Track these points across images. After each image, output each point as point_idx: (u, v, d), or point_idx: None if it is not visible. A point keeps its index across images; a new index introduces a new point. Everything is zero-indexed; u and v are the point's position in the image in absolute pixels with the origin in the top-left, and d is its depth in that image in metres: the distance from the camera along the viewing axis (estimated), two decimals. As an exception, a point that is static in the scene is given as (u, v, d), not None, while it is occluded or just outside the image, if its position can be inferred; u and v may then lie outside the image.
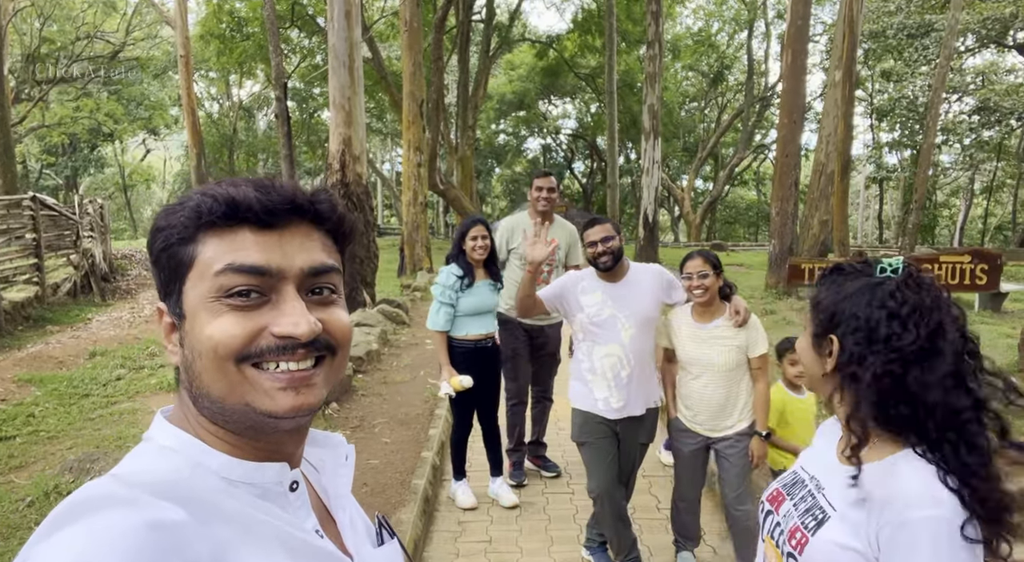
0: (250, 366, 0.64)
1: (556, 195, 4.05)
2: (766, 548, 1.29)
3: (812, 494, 1.21)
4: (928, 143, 18.48)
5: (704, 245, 27.79)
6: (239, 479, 0.67)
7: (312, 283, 0.68)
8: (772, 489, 1.34)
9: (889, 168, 28.55)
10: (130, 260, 14.91)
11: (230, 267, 0.63)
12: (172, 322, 0.68)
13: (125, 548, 0.51)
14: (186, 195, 0.68)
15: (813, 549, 1.13)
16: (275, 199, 0.66)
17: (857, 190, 32.38)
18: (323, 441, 0.83)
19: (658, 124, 17.75)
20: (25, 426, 5.14)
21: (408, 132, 15.27)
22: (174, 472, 0.63)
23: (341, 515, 0.79)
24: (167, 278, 0.67)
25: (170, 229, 0.66)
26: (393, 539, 0.87)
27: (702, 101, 38.34)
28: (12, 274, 9.84)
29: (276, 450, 0.70)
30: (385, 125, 36.27)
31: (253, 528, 0.63)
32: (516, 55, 34.87)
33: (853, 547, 1.08)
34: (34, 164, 30.55)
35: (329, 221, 0.71)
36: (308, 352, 0.66)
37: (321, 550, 0.69)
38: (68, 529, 0.53)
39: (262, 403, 0.64)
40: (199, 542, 0.56)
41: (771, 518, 1.29)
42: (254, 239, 0.65)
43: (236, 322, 0.63)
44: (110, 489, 0.58)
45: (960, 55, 23.45)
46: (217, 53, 25.53)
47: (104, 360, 7.24)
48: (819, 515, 1.15)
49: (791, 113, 12.41)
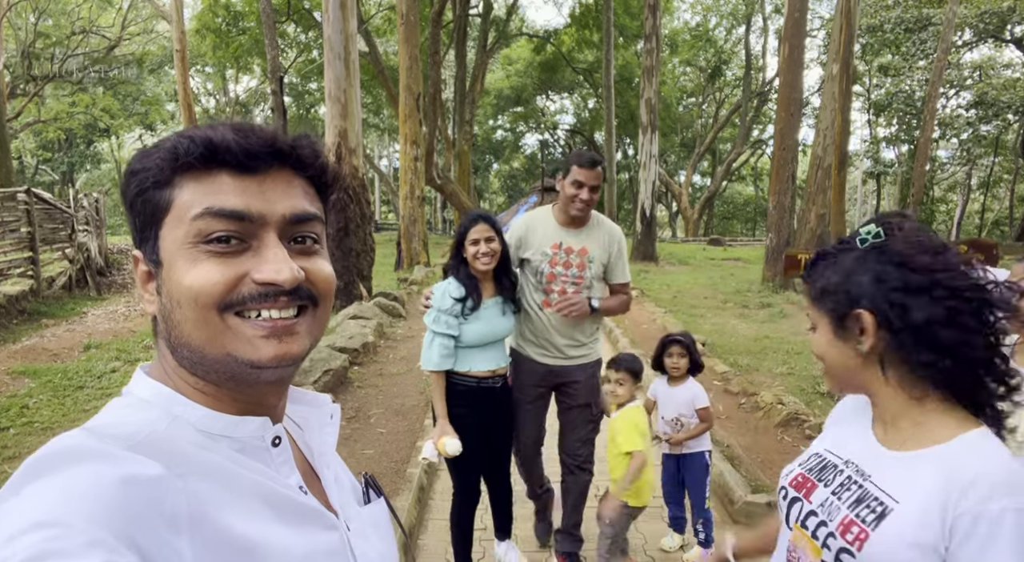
0: (233, 315, 0.62)
1: (598, 196, 2.82)
2: (795, 538, 1.20)
3: (857, 483, 1.12)
4: (925, 138, 18.49)
5: (702, 240, 27.81)
6: (219, 432, 0.65)
7: (294, 231, 0.66)
8: (795, 474, 1.24)
9: (886, 163, 28.54)
10: (126, 255, 14.86)
11: (208, 211, 0.61)
12: (148, 270, 0.66)
13: (96, 504, 0.50)
14: (163, 138, 0.66)
15: (876, 545, 1.03)
16: (254, 142, 0.64)
17: (854, 185, 32.40)
18: (307, 399, 0.82)
19: (655, 118, 17.72)
20: (19, 417, 5.12)
21: (405, 126, 15.24)
22: (150, 425, 0.61)
23: (326, 472, 0.77)
24: (143, 224, 0.65)
25: (145, 172, 0.64)
26: (380, 498, 0.86)
27: (700, 96, 38.30)
28: (7, 267, 9.80)
29: (257, 403, 0.69)
30: (382, 121, 36.20)
31: (233, 483, 0.61)
32: (513, 50, 34.80)
33: (923, 542, 0.99)
34: (30, 160, 30.44)
35: (311, 167, 0.69)
36: (290, 301, 0.64)
37: (305, 506, 0.67)
38: (37, 483, 0.51)
39: (244, 352, 0.63)
40: (176, 496, 0.55)
41: (799, 506, 1.19)
42: (233, 183, 0.63)
43: (216, 269, 0.61)
44: (82, 442, 0.55)
45: (957, 49, 23.42)
46: (213, 47, 25.44)
47: (99, 353, 7.23)
48: (877, 507, 1.05)
49: (788, 106, 12.40)
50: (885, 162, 28.55)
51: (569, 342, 2.90)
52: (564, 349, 2.89)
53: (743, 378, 5.97)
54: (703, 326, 8.94)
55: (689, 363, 3.14)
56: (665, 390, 3.22)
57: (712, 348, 7.43)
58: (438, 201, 37.15)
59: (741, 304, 10.94)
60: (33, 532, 0.46)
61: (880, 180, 30.76)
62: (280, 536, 0.62)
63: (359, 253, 9.55)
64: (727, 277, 14.49)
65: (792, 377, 6.29)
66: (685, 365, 3.13)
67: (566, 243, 2.83)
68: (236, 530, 0.58)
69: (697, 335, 7.93)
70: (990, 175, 29.06)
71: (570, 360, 2.92)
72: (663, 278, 14.45)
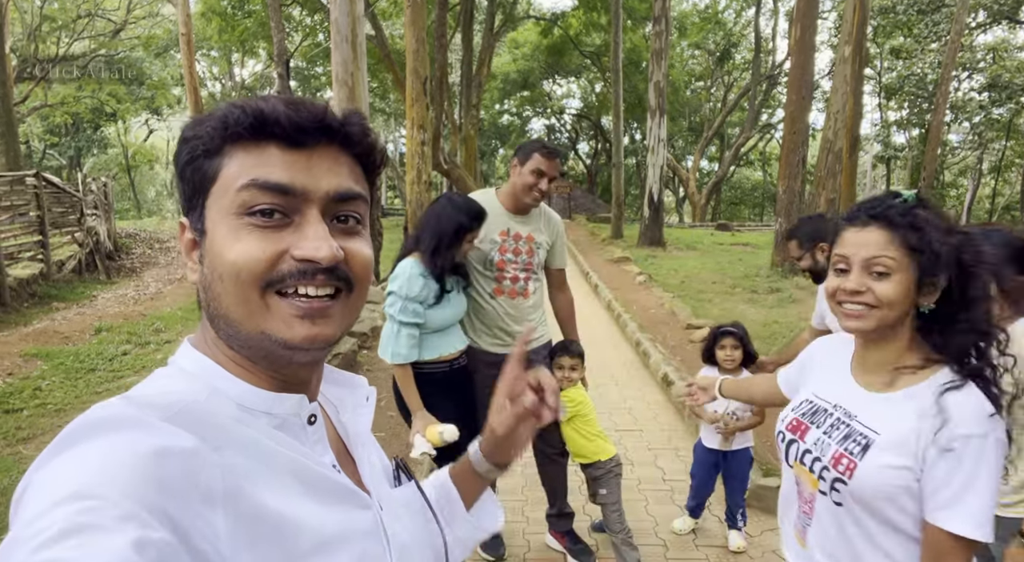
0: (273, 293, 0.62)
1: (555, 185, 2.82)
2: (796, 472, 1.38)
3: (844, 422, 1.29)
4: (937, 121, 18.26)
5: (709, 225, 27.66)
6: (257, 408, 0.65)
7: (337, 209, 0.66)
8: (789, 419, 1.41)
9: (897, 147, 28.26)
10: (134, 239, 14.92)
11: (254, 183, 0.62)
12: (193, 238, 0.66)
13: (132, 475, 0.49)
14: (215, 107, 0.66)
15: (864, 473, 1.21)
16: (305, 116, 0.63)
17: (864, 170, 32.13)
18: (344, 381, 0.82)
19: (664, 102, 17.55)
20: (32, 399, 5.17)
21: (411, 110, 15.12)
22: (190, 396, 0.61)
23: (360, 452, 0.78)
24: (191, 191, 0.65)
25: (196, 140, 0.64)
26: (411, 481, 0.87)
27: (708, 80, 37.90)
28: (17, 251, 9.84)
29: (293, 381, 0.69)
30: (388, 105, 36.00)
31: (269, 458, 0.61)
32: (520, 33, 34.46)
33: (903, 465, 1.17)
34: (38, 144, 30.46)
35: (359, 145, 0.69)
36: (327, 280, 0.64)
37: (338, 484, 0.67)
38: (75, 449, 0.51)
39: (278, 331, 0.63)
40: (211, 470, 0.55)
41: (796, 446, 1.36)
42: (281, 156, 0.63)
43: (258, 244, 0.62)
44: (121, 411, 0.56)
45: (971, 31, 23.04)
46: (219, 31, 25.28)
47: (110, 336, 7.27)
48: (862, 441, 1.24)
49: (799, 89, 12.24)
50: (896, 146, 28.27)
51: (519, 327, 2.84)
52: (516, 335, 2.81)
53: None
54: (711, 311, 8.92)
55: (743, 355, 3.07)
56: None
57: (721, 333, 7.40)
58: (444, 186, 37.06)
59: (750, 289, 10.90)
60: (68, 504, 0.46)
61: (890, 165, 30.49)
62: (313, 513, 0.62)
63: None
64: (735, 262, 14.42)
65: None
66: (739, 357, 3.06)
67: (513, 230, 2.80)
68: (270, 505, 0.58)
69: (705, 319, 7.92)
70: (1002, 159, 28.70)
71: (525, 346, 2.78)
72: (671, 263, 14.40)
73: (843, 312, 1.25)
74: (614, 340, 7.61)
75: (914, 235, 1.18)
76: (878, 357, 1.28)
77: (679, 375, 5.54)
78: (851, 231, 1.25)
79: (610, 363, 6.49)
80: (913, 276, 1.19)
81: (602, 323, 8.63)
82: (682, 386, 5.15)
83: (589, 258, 14.59)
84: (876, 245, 1.20)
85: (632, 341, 7.27)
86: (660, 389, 5.66)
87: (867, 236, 1.21)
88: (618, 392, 5.62)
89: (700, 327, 7.45)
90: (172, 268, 12.59)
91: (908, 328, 1.25)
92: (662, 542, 3.24)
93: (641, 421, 4.93)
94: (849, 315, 1.24)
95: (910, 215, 1.19)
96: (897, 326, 1.24)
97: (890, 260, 1.18)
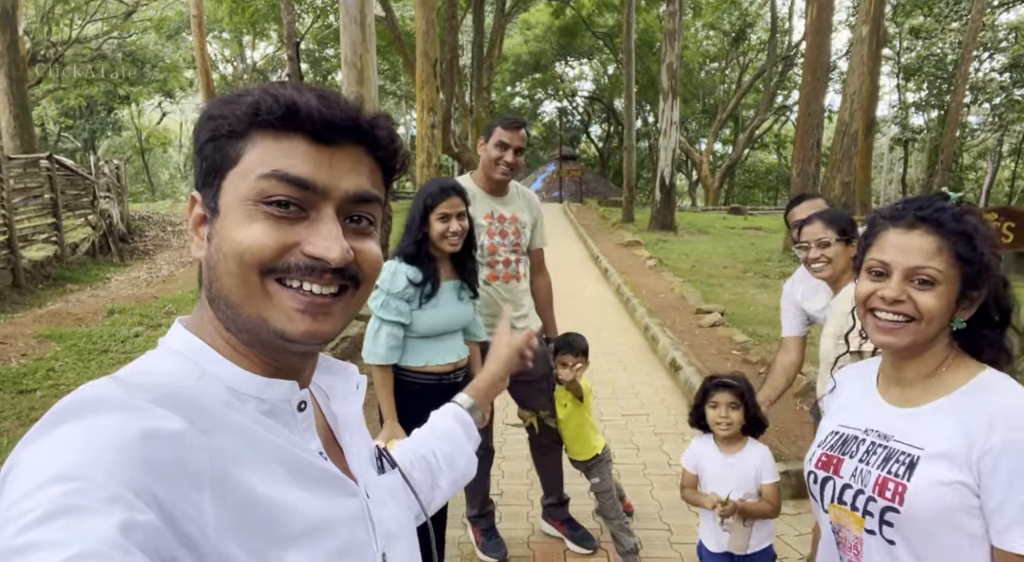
0: (274, 280, 0.62)
1: (523, 158, 2.80)
2: (835, 518, 1.20)
3: (881, 445, 1.14)
4: (956, 102, 17.93)
5: (722, 209, 27.43)
6: (247, 392, 0.65)
7: (352, 210, 0.66)
8: (818, 456, 1.25)
9: (915, 129, 27.79)
10: (147, 221, 15.02)
11: (276, 174, 0.61)
12: (203, 214, 0.66)
13: (118, 457, 0.49)
14: (245, 89, 0.65)
15: (916, 494, 1.05)
16: (337, 114, 0.63)
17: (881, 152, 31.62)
18: (335, 369, 0.82)
19: (677, 84, 17.34)
20: (46, 380, 5.24)
21: (421, 93, 15.04)
22: (179, 378, 0.61)
23: (348, 440, 0.78)
24: (208, 168, 0.65)
25: (223, 119, 0.63)
26: (394, 469, 0.87)
27: (723, 61, 37.37)
28: (31, 233, 9.95)
29: (286, 368, 0.68)
30: (399, 88, 35.89)
31: (257, 443, 0.61)
32: (532, 14, 34.10)
33: (958, 480, 1.03)
34: (52, 127, 30.66)
35: (384, 149, 0.68)
36: (334, 278, 0.64)
37: (324, 471, 0.67)
38: (62, 429, 0.51)
39: (278, 321, 0.63)
40: (199, 453, 0.54)
41: (831, 484, 1.19)
42: (306, 150, 0.62)
43: (269, 232, 0.61)
44: (108, 392, 0.55)
45: (993, 10, 22.52)
46: (230, 13, 25.25)
47: (122, 318, 7.35)
48: (906, 460, 1.09)
49: (815, 70, 12.04)
50: (913, 128, 27.80)
51: (517, 314, 2.83)
52: (514, 322, 2.73)
53: (762, 348, 5.93)
54: (722, 295, 8.87)
55: (744, 418, 2.23)
56: (714, 457, 2.26)
57: (731, 318, 7.37)
58: (455, 169, 36.98)
59: (761, 274, 10.82)
60: (54, 485, 0.46)
61: (908, 147, 30.01)
62: (300, 499, 0.62)
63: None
64: (747, 246, 14.31)
65: (812, 347, 6.22)
66: (738, 420, 2.22)
67: (497, 211, 2.80)
68: (258, 490, 0.58)
69: (715, 304, 7.88)
70: (1022, 141, 28.18)
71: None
72: (682, 247, 14.31)
73: (875, 323, 1.11)
74: (623, 325, 7.59)
75: (965, 244, 1.06)
76: (911, 374, 1.15)
77: (687, 360, 5.52)
78: (895, 233, 1.10)
79: (618, 348, 6.47)
80: (957, 288, 1.08)
81: (611, 307, 8.61)
82: (690, 372, 5.14)
83: (599, 242, 14.53)
84: (924, 252, 1.07)
85: (641, 326, 7.24)
86: (668, 374, 5.64)
87: (915, 240, 1.08)
88: (626, 377, 5.61)
89: (710, 312, 7.42)
90: (185, 251, 12.67)
91: (945, 341, 1.13)
92: (666, 527, 3.24)
93: (648, 405, 4.93)
94: (882, 328, 1.10)
95: (962, 221, 1.08)
96: (933, 340, 1.12)
97: (937, 271, 1.06)
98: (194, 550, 0.51)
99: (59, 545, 0.42)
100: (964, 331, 1.12)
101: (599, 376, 5.40)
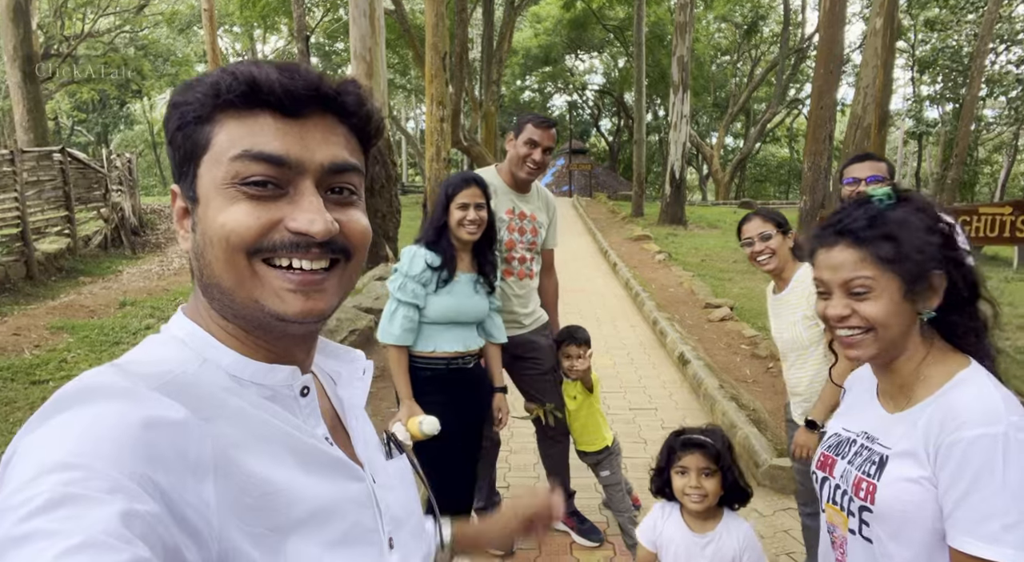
0: (261, 261, 0.61)
1: (550, 157, 2.80)
2: (829, 518, 1.24)
3: (866, 447, 1.17)
4: (972, 95, 17.68)
5: (733, 203, 27.27)
6: (248, 378, 0.65)
7: (332, 181, 0.65)
8: (819, 456, 1.29)
9: (929, 123, 27.45)
10: (159, 215, 15.11)
11: (247, 154, 0.60)
12: (185, 206, 0.65)
13: (119, 446, 0.49)
14: (205, 73, 0.64)
15: (884, 493, 1.08)
16: (299, 84, 0.61)
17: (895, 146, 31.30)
18: (341, 354, 0.82)
19: (687, 77, 17.22)
20: (58, 371, 5.30)
21: (431, 86, 15.01)
22: (180, 366, 0.60)
23: (354, 425, 0.77)
24: (182, 159, 0.64)
25: (186, 105, 0.62)
26: (402, 454, 0.87)
27: (734, 54, 37.07)
28: (44, 226, 10.05)
29: (286, 353, 0.68)
30: (409, 82, 35.83)
31: (259, 429, 0.61)
32: (542, 7, 33.94)
33: (921, 476, 1.05)
34: (65, 121, 30.91)
35: (355, 116, 0.67)
36: (323, 252, 0.63)
37: (330, 456, 0.67)
38: (63, 416, 0.51)
39: (271, 303, 0.62)
40: (201, 441, 0.54)
41: (828, 484, 1.24)
42: (274, 126, 0.61)
43: (251, 212, 0.60)
44: (110, 379, 0.55)
45: (1010, 2, 22.20)
46: (240, 6, 25.28)
47: (134, 310, 7.42)
48: (876, 459, 1.13)
49: (828, 63, 11.90)
50: (928, 121, 27.47)
51: (526, 310, 2.86)
52: (522, 318, 2.82)
53: (771, 342, 5.88)
54: (731, 290, 8.82)
55: (722, 487, 1.74)
56: (680, 534, 1.78)
57: (740, 312, 7.33)
58: (464, 163, 36.95)
59: (771, 268, 10.74)
60: (55, 473, 0.45)
61: (922, 140, 29.69)
62: (304, 484, 0.62)
63: (385, 214, 9.57)
64: (758, 241, 14.21)
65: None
66: (715, 491, 1.73)
67: (518, 208, 2.80)
68: (261, 476, 0.58)
69: (725, 299, 7.85)
70: (1039, 136, 27.75)
71: (524, 328, 2.86)
72: (691, 242, 14.24)
73: (839, 340, 1.15)
74: (631, 319, 7.57)
75: (886, 246, 1.06)
76: (895, 378, 1.16)
77: (696, 354, 5.51)
78: (823, 252, 1.13)
79: (627, 342, 6.46)
80: (899, 287, 1.07)
81: (620, 301, 8.59)
82: (699, 366, 5.12)
83: (608, 236, 14.48)
84: (848, 265, 1.09)
85: (649, 320, 7.22)
86: (676, 368, 5.63)
87: (837, 256, 1.10)
88: (634, 371, 5.60)
89: (719, 306, 7.39)
90: (195, 244, 12.75)
91: (918, 339, 1.12)
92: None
93: (656, 399, 4.92)
94: (846, 343, 1.13)
95: (878, 224, 1.08)
96: (903, 342, 1.12)
97: (866, 279, 1.08)
98: (197, 538, 0.51)
99: (60, 535, 0.42)
100: (939, 320, 1.11)
101: (607, 370, 5.40)
